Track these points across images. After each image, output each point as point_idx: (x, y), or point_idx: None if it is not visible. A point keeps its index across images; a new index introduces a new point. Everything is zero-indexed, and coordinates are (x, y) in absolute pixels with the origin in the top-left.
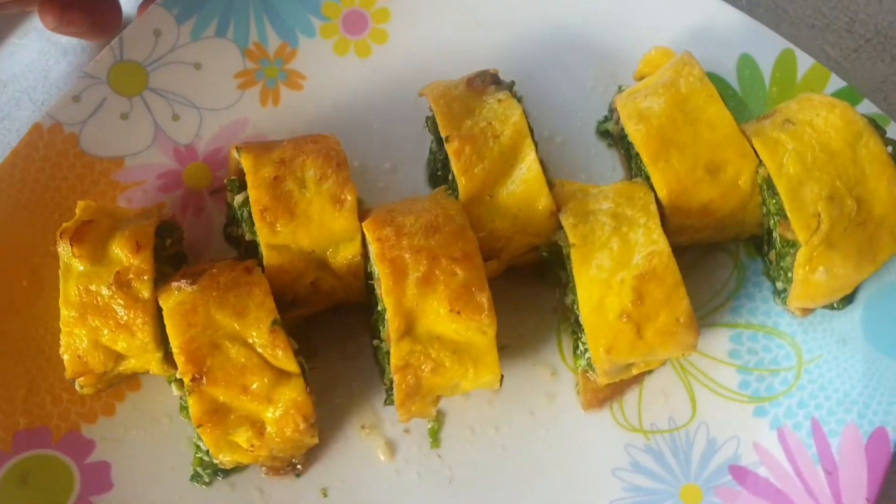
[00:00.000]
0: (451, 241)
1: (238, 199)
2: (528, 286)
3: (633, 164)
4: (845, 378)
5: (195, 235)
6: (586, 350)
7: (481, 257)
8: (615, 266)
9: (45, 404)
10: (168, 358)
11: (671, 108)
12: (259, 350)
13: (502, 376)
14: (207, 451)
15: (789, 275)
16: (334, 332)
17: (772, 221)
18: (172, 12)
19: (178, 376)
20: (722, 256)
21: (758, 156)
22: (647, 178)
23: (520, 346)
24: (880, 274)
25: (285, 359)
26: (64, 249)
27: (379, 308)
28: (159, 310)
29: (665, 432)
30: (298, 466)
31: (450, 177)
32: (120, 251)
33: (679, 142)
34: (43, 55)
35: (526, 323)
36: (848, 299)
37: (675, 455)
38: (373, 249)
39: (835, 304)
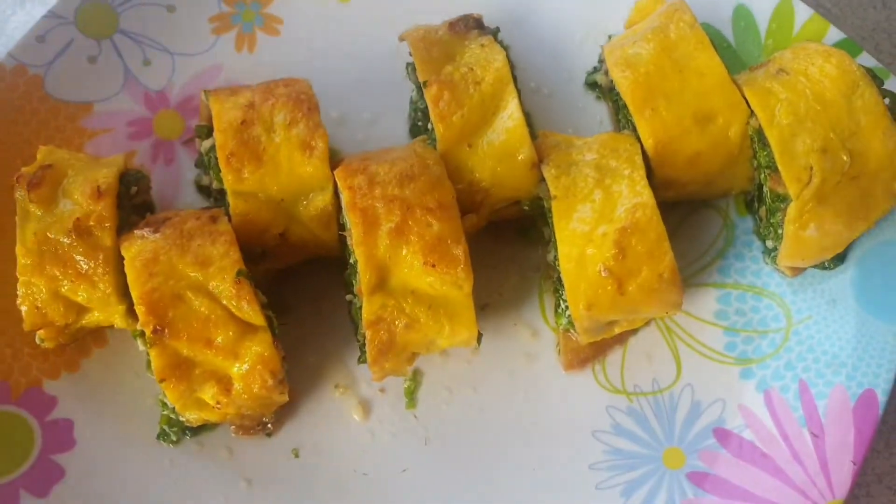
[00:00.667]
0: (427, 191)
1: (206, 144)
2: (510, 244)
3: (620, 117)
4: (834, 340)
5: (166, 186)
6: (567, 308)
7: (458, 209)
8: (597, 219)
9: (6, 358)
10: (133, 311)
11: (659, 54)
12: (223, 302)
13: (481, 335)
14: (174, 409)
15: (779, 232)
16: (309, 289)
17: (762, 175)
18: None
19: (139, 328)
20: (711, 214)
21: (749, 106)
22: (635, 130)
23: (500, 305)
24: (874, 233)
25: (251, 311)
26: (21, 195)
27: (351, 261)
28: (123, 260)
29: (648, 394)
30: (269, 426)
31: (429, 127)
32: (80, 197)
33: (666, 90)
34: None
35: (507, 281)
36: (840, 259)
37: (659, 418)
38: (344, 198)
39: (826, 264)
